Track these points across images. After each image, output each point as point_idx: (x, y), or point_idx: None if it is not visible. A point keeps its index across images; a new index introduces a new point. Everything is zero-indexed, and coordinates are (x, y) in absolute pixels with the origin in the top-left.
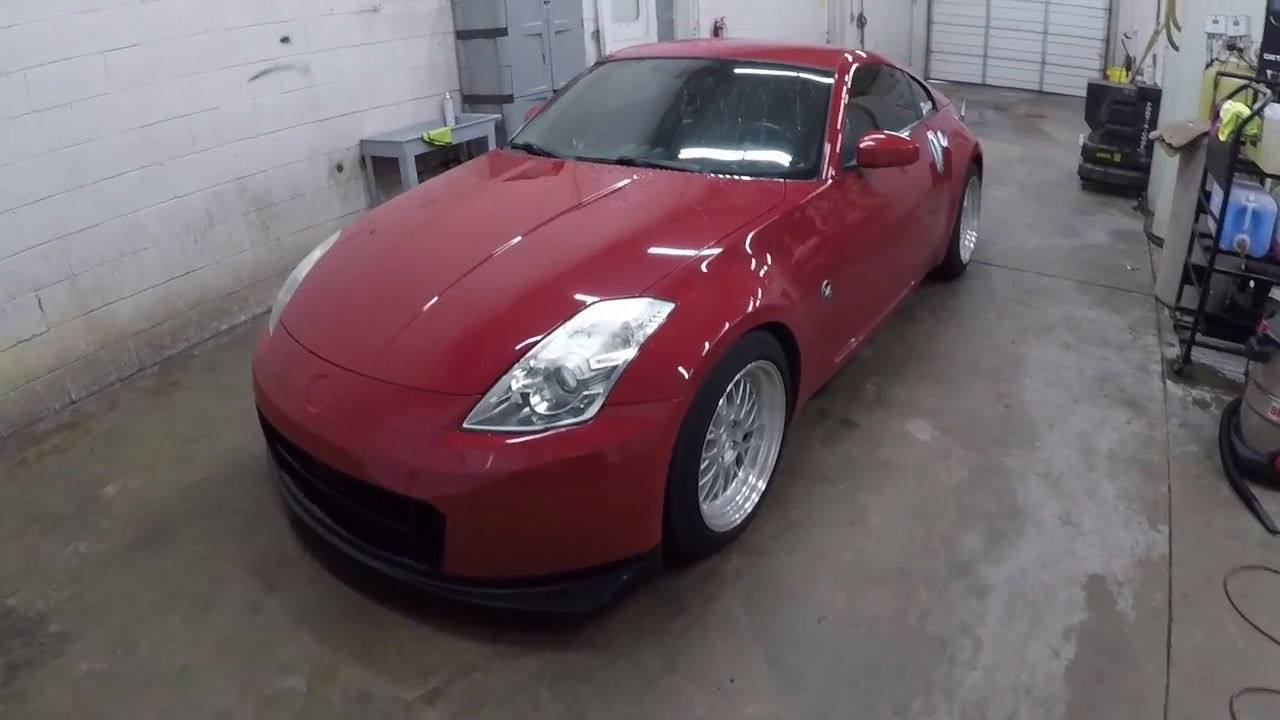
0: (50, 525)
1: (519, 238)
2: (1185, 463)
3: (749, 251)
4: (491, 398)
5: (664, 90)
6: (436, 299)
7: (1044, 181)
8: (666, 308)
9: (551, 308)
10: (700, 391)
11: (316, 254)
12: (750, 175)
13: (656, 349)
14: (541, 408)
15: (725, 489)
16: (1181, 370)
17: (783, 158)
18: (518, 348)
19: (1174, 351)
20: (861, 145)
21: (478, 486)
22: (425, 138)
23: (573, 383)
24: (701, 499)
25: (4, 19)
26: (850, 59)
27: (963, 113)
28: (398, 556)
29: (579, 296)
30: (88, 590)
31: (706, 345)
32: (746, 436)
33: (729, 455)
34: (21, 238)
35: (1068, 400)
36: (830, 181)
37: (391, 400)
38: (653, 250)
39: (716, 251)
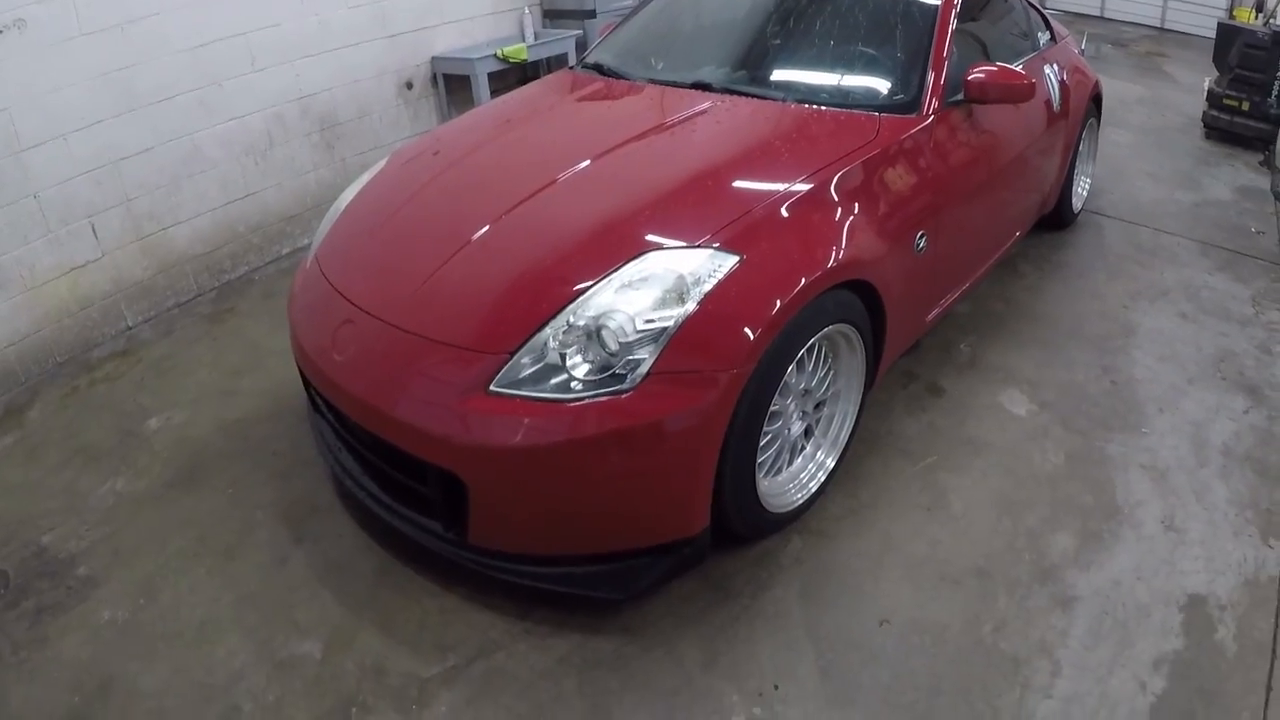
0: (92, 459)
1: (574, 170)
2: None
3: (832, 196)
4: (524, 357)
5: (749, 6)
6: (475, 238)
7: (1164, 127)
8: (730, 261)
9: (602, 254)
10: (764, 360)
11: (363, 179)
12: (841, 106)
13: (715, 310)
14: (580, 371)
15: (791, 463)
16: None
17: (880, 87)
18: (558, 300)
19: None
20: (970, 78)
21: (500, 458)
22: (499, 55)
23: (614, 345)
24: (761, 475)
25: None
26: None
27: (1083, 46)
28: (424, 520)
29: (634, 241)
30: (119, 531)
31: (774, 308)
32: (819, 405)
33: (796, 427)
34: (72, 163)
35: (1181, 380)
36: (932, 117)
37: (417, 354)
38: (722, 190)
39: (795, 195)
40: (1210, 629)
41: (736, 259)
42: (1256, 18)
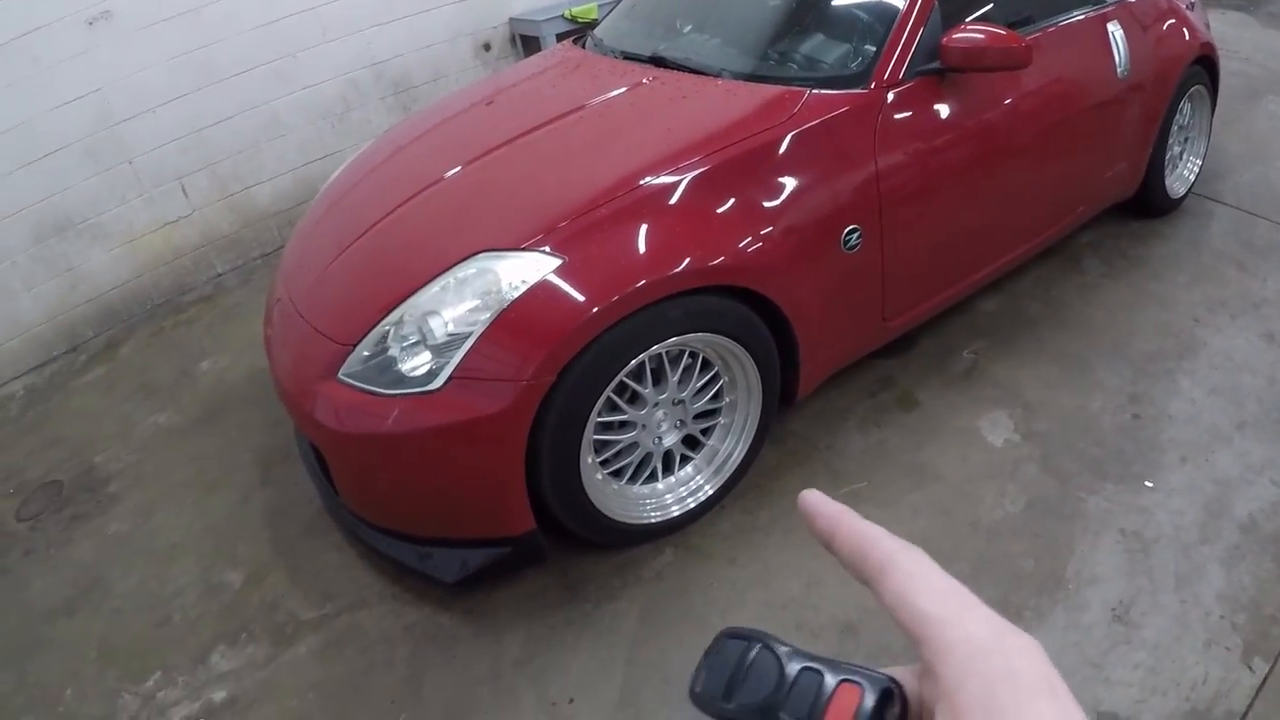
0: (150, 394)
1: (471, 161)
2: None
3: (707, 188)
4: (363, 350)
5: None
6: (367, 231)
7: None
8: (550, 264)
9: (443, 252)
10: (574, 372)
11: (349, 160)
12: (775, 80)
13: (518, 317)
14: (405, 367)
15: (675, 472)
16: None
17: (824, 57)
18: (396, 296)
19: None
20: (944, 43)
21: (336, 439)
22: (566, 15)
23: (430, 344)
24: (621, 482)
25: None
26: None
27: None
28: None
29: (473, 240)
30: (148, 459)
31: (583, 318)
32: (705, 415)
33: (668, 439)
34: (161, 133)
35: (1229, 422)
36: (882, 92)
37: (302, 338)
38: (583, 183)
39: (657, 189)
40: None
41: (558, 262)
42: None
